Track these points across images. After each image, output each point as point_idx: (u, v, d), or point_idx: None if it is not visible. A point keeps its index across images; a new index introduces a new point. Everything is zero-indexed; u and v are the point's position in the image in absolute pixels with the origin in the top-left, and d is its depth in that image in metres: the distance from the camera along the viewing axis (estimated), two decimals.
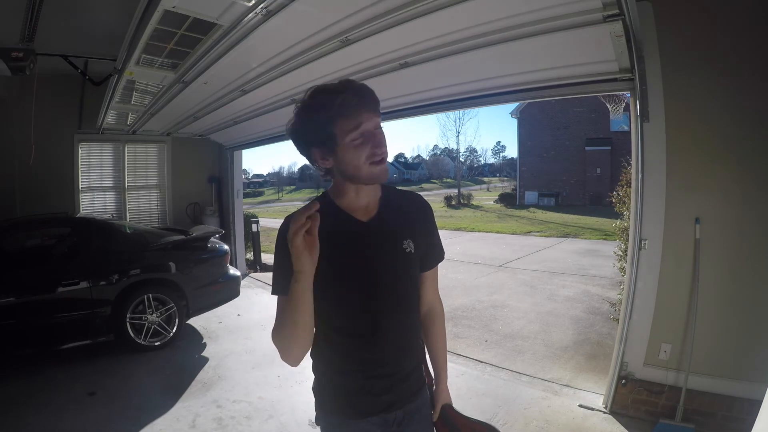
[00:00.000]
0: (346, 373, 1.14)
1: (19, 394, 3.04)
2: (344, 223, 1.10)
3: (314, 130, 1.04)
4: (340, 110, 1.00)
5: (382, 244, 1.11)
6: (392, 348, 1.14)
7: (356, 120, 1.01)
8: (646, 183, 2.61)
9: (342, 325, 1.12)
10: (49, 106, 5.35)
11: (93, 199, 6.39)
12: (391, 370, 1.14)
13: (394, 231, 1.13)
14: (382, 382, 1.14)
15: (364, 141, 1.03)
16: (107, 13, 3.43)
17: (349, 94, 1.01)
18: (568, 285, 6.31)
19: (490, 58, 2.76)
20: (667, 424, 2.51)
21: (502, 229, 13.91)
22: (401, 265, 1.13)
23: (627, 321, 2.72)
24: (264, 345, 4.04)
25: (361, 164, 1.04)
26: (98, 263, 3.74)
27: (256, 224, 8.35)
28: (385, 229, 1.12)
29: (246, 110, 4.85)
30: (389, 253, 1.11)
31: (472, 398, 2.95)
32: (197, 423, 2.71)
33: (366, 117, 1.02)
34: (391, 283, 1.12)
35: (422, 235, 1.18)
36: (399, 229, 1.14)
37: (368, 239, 1.10)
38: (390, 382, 1.14)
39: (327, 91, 1.03)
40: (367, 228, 1.11)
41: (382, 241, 1.11)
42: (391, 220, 1.14)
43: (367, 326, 1.10)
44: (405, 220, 1.16)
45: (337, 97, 1.01)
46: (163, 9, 2.25)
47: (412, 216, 1.19)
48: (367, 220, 1.12)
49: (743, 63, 2.35)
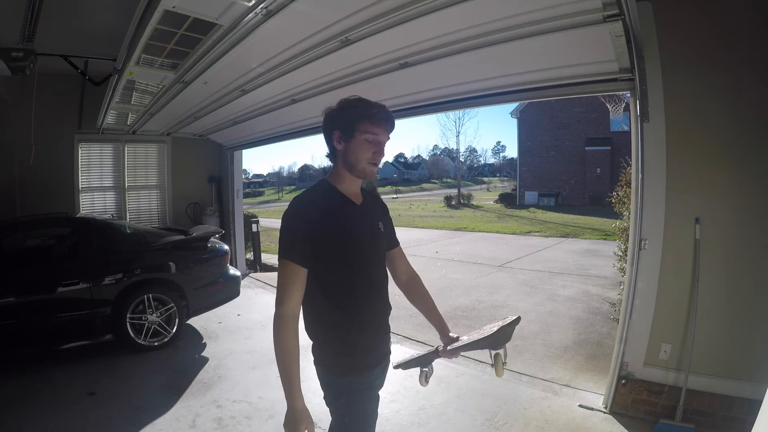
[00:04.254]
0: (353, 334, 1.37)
1: (19, 394, 3.04)
2: (346, 204, 1.41)
3: (345, 118, 1.36)
4: (370, 115, 1.35)
5: (369, 222, 1.46)
6: (384, 306, 1.47)
7: (376, 128, 1.36)
8: (646, 183, 2.61)
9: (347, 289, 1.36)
10: (49, 106, 5.35)
11: (93, 199, 6.39)
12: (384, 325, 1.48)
13: (374, 215, 1.50)
14: (379, 336, 1.45)
15: (372, 144, 1.36)
16: (107, 13, 3.43)
17: (382, 112, 1.38)
18: (568, 285, 6.31)
19: (490, 58, 2.76)
20: (667, 424, 2.51)
21: (502, 229, 13.92)
22: (379, 239, 1.49)
23: (627, 321, 2.72)
24: (264, 345, 4.04)
25: (362, 159, 1.36)
26: (98, 263, 3.74)
27: (256, 224, 8.35)
28: (370, 212, 1.48)
29: (246, 110, 4.85)
30: (373, 230, 1.47)
31: (472, 398, 2.95)
32: (197, 423, 2.71)
33: (383, 131, 1.38)
34: (376, 253, 1.45)
35: (385, 222, 1.55)
36: (376, 214, 1.51)
37: (362, 218, 1.43)
38: (384, 335, 1.48)
39: (368, 102, 1.38)
40: (360, 210, 1.44)
41: (369, 220, 1.46)
42: (371, 207, 1.51)
43: (367, 287, 1.39)
44: (376, 209, 1.54)
45: (373, 107, 1.36)
46: (163, 9, 2.25)
47: (377, 205, 1.57)
48: (359, 204, 1.45)
49: (743, 63, 2.35)
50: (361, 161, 1.35)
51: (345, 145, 1.36)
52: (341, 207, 1.38)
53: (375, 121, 1.34)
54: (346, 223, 1.36)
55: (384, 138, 1.38)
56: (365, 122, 1.34)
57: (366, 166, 1.36)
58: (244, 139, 6.66)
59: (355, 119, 1.34)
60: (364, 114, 1.34)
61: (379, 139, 1.37)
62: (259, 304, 5.47)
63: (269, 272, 8.02)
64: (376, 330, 1.43)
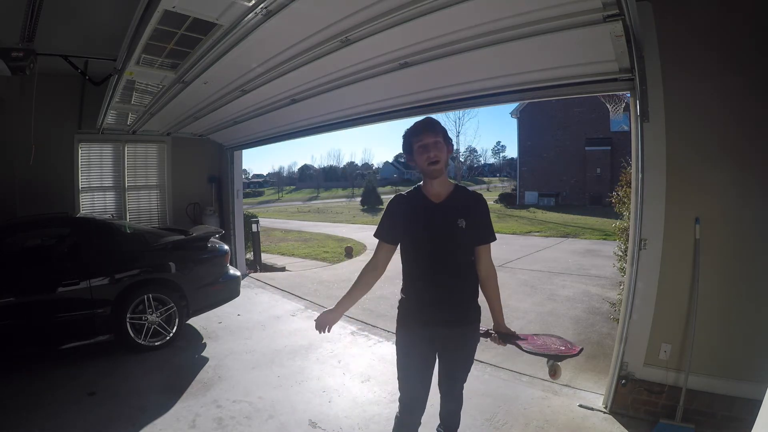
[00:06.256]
0: (411, 301, 1.84)
1: (19, 394, 3.04)
2: (423, 201, 1.83)
3: (404, 142, 1.86)
4: (413, 129, 1.81)
5: (443, 218, 1.78)
6: (441, 289, 1.78)
7: (419, 136, 1.78)
8: (646, 183, 2.61)
9: (415, 270, 1.82)
10: (49, 106, 5.34)
11: (93, 199, 6.39)
12: (437, 304, 1.78)
13: (454, 212, 1.78)
14: (430, 311, 1.79)
15: (422, 148, 1.76)
16: (107, 13, 3.42)
17: (419, 122, 1.82)
18: (568, 285, 6.31)
19: (490, 58, 2.76)
20: (667, 424, 2.51)
21: (502, 229, 13.91)
22: (454, 234, 1.77)
23: (627, 321, 2.72)
24: (264, 345, 4.04)
25: (421, 163, 1.77)
26: (98, 263, 3.73)
27: (256, 224, 8.36)
28: (447, 209, 1.79)
29: (246, 110, 4.85)
30: (449, 224, 1.77)
31: (472, 398, 2.94)
32: (197, 423, 2.71)
33: (424, 135, 1.77)
34: (445, 245, 1.77)
35: (473, 218, 1.79)
36: (456, 211, 1.78)
37: (437, 214, 1.79)
38: (435, 312, 1.78)
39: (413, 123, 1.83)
40: (437, 207, 1.80)
41: (444, 216, 1.78)
42: (453, 205, 1.80)
43: (427, 269, 1.78)
44: (462, 206, 1.80)
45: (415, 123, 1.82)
46: (163, 9, 2.25)
47: (467, 204, 1.82)
48: (438, 203, 1.81)
49: (743, 63, 2.35)
50: (422, 165, 1.76)
51: (411, 159, 1.84)
52: (419, 205, 1.82)
53: (416, 131, 1.79)
54: (418, 216, 1.80)
55: (428, 140, 1.75)
56: (412, 137, 1.80)
57: (426, 167, 1.76)
58: (244, 139, 6.66)
59: (407, 138, 1.83)
60: (410, 131, 1.81)
61: (425, 143, 1.75)
62: (259, 304, 5.46)
63: (269, 272, 8.02)
64: (427, 305, 1.79)
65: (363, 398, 3.02)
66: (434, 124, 1.80)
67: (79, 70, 4.46)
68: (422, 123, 1.80)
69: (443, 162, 1.77)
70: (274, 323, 4.72)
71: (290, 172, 73.03)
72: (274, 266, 8.58)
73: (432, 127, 1.78)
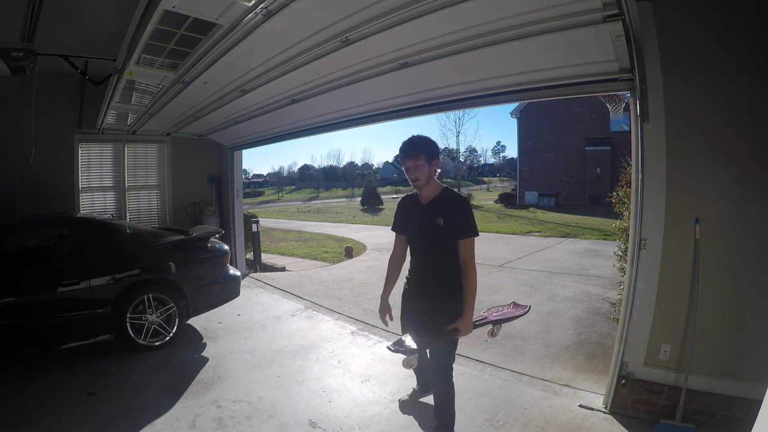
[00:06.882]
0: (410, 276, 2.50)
1: (19, 394, 3.04)
2: (416, 202, 2.40)
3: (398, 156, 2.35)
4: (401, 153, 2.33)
5: (427, 216, 2.29)
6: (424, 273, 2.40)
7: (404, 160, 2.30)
8: (646, 183, 2.61)
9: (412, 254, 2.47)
10: (49, 106, 5.34)
11: (93, 199, 6.39)
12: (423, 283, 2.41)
13: (436, 212, 2.27)
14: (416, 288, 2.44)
15: (407, 170, 2.30)
16: (107, 13, 3.42)
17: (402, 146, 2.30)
18: (568, 285, 6.31)
19: (490, 58, 2.76)
20: (667, 424, 2.51)
21: (502, 229, 13.91)
22: (433, 230, 2.27)
23: (627, 321, 2.72)
24: (264, 345, 4.04)
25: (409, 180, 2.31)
26: (98, 263, 3.73)
27: (256, 224, 8.35)
28: (431, 209, 2.30)
29: (246, 110, 4.85)
30: (430, 222, 2.27)
31: (472, 398, 2.95)
32: (197, 423, 2.71)
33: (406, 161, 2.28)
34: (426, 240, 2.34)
35: (450, 217, 2.24)
36: (437, 211, 2.27)
37: (423, 213, 2.33)
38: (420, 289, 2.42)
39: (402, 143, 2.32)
40: (423, 207, 2.34)
41: (427, 215, 2.30)
42: (436, 206, 2.30)
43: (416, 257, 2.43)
44: (442, 208, 2.28)
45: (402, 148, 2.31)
46: (163, 9, 2.25)
47: (448, 207, 2.28)
48: (425, 204, 2.34)
49: (743, 63, 2.34)
50: (410, 181, 2.30)
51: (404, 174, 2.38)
52: (414, 205, 2.42)
53: (402, 154, 2.30)
54: (413, 214, 2.41)
55: (409, 164, 2.26)
56: (400, 156, 2.32)
57: (413, 183, 2.30)
58: (244, 139, 6.66)
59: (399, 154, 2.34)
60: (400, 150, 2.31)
61: (407, 166, 2.27)
62: (259, 304, 5.46)
63: (269, 272, 8.02)
64: (415, 282, 2.45)
65: (363, 398, 3.02)
66: (414, 148, 2.24)
67: (79, 70, 4.46)
68: (404, 148, 2.26)
69: (423, 179, 2.25)
70: (274, 323, 4.72)
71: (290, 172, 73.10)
72: (274, 266, 8.58)
73: (412, 154, 2.23)
